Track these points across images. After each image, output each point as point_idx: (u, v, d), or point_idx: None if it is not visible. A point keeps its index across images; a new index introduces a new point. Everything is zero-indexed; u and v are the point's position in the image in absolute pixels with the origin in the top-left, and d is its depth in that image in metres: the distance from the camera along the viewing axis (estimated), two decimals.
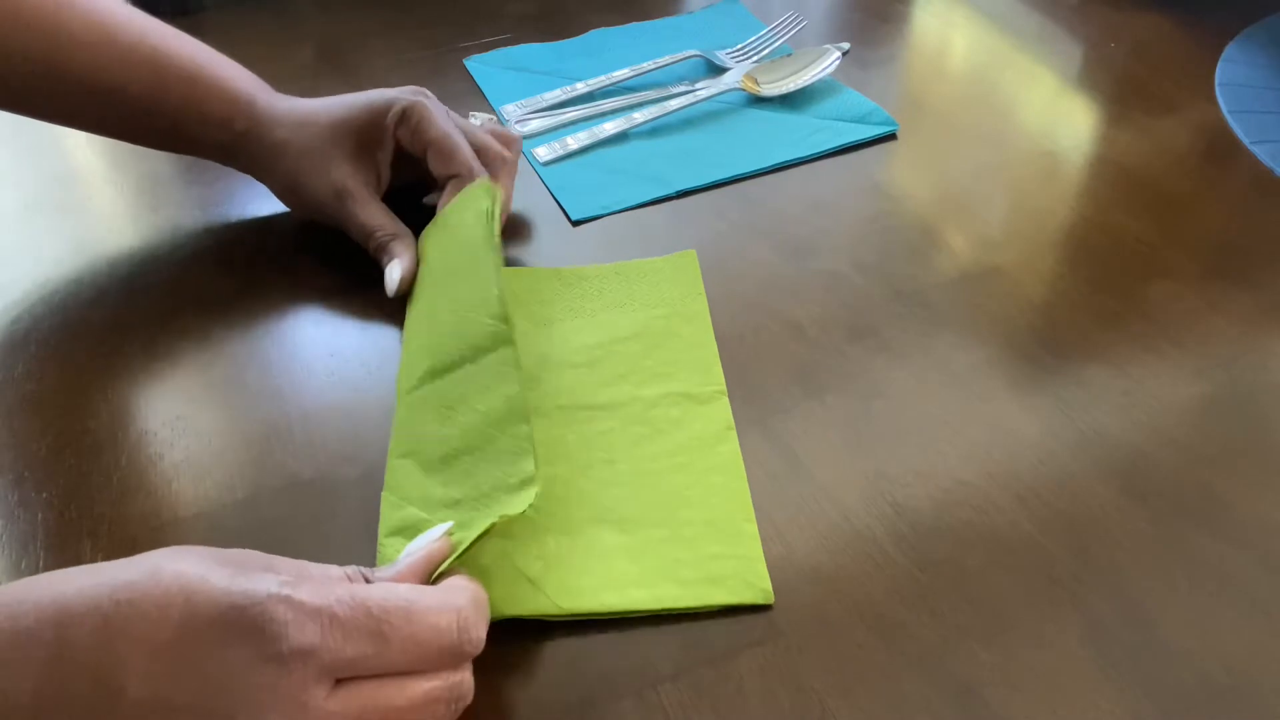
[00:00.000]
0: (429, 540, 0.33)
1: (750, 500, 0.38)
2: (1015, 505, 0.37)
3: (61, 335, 0.45)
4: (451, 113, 0.50)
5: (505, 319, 0.40)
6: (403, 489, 0.37)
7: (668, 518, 0.37)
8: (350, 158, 0.48)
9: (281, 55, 0.66)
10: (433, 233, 0.48)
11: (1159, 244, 0.50)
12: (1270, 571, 0.35)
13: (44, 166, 0.57)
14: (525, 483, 0.34)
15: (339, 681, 0.27)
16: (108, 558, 0.35)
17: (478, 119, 0.54)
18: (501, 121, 0.60)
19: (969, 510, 0.37)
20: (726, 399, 0.42)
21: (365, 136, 0.48)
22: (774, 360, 0.44)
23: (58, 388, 0.43)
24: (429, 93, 0.49)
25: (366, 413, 0.42)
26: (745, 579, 0.35)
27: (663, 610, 0.34)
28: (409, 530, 0.35)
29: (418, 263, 0.47)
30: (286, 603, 0.27)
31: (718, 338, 0.44)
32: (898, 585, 0.35)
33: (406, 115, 0.48)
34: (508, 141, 0.51)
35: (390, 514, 0.36)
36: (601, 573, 0.35)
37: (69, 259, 0.50)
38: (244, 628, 0.26)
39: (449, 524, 0.34)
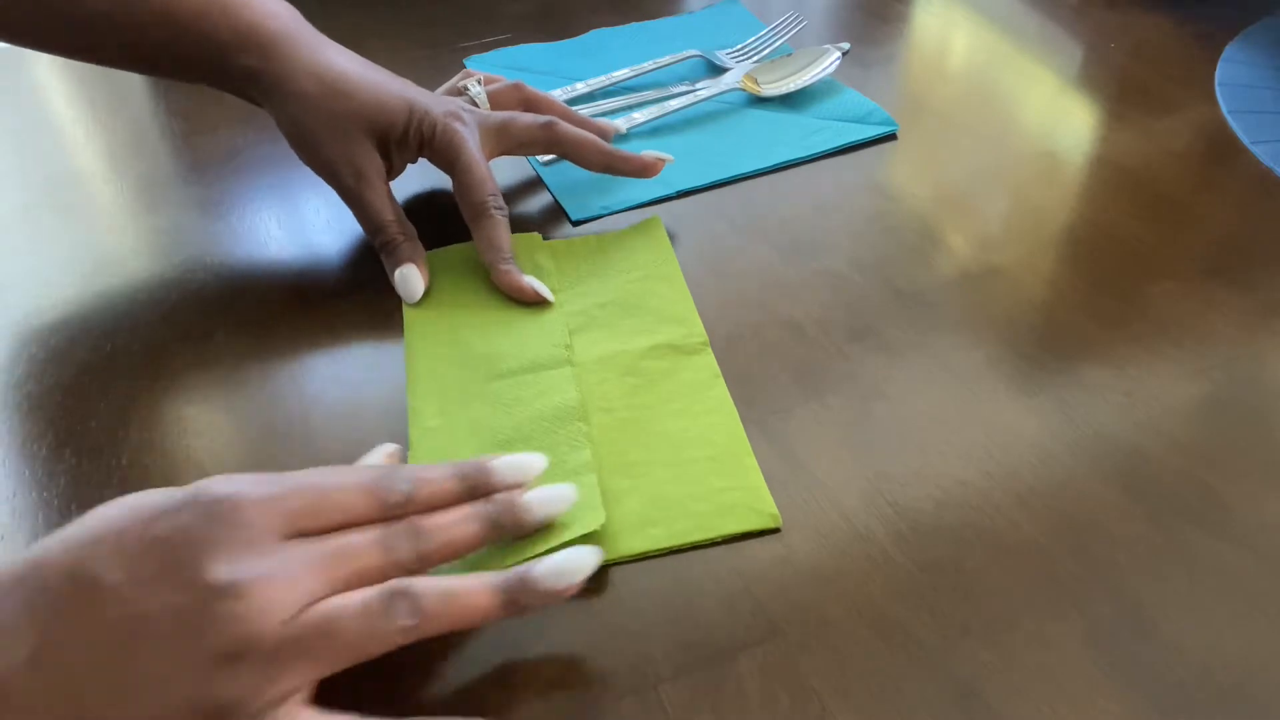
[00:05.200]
0: (382, 450, 0.36)
1: (746, 437, 0.40)
2: (1015, 505, 0.37)
3: (61, 335, 0.45)
4: (488, 116, 0.50)
5: (568, 347, 0.43)
6: (437, 457, 0.39)
7: (671, 458, 0.39)
8: (373, 143, 0.47)
9: None
10: (470, 256, 0.49)
11: (1159, 244, 0.50)
12: (1270, 571, 0.35)
13: (44, 166, 0.57)
14: (584, 468, 0.37)
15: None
16: None
17: (475, 89, 0.53)
18: None
19: (969, 510, 0.37)
20: (710, 350, 0.44)
21: (393, 134, 0.47)
22: (774, 360, 0.44)
23: (58, 388, 0.43)
24: (466, 110, 0.49)
25: (367, 413, 0.42)
26: (753, 506, 0.37)
27: (682, 546, 0.36)
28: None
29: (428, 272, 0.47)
30: (225, 478, 0.30)
31: (718, 338, 0.44)
32: (898, 585, 0.35)
33: (436, 136, 0.47)
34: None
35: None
36: (617, 518, 0.37)
37: (69, 259, 0.50)
38: (188, 498, 0.29)
39: (396, 446, 0.37)
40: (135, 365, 0.44)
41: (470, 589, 0.31)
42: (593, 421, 0.40)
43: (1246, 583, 0.35)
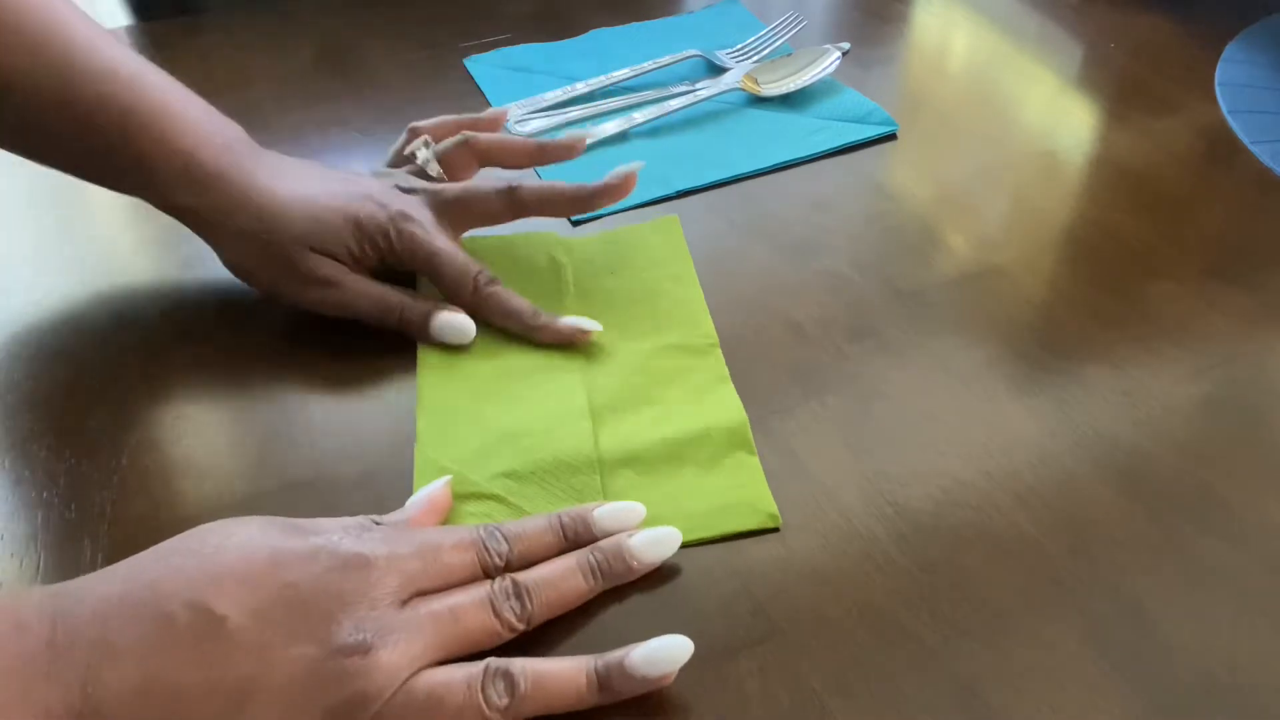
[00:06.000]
0: (432, 489, 0.36)
1: (751, 436, 0.40)
2: (1015, 505, 0.37)
3: (61, 335, 0.45)
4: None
5: (584, 353, 0.44)
6: (442, 446, 0.39)
7: (674, 456, 0.39)
8: (331, 254, 0.43)
9: (282, 55, 0.66)
10: (486, 249, 0.49)
11: (1159, 244, 0.50)
12: (1270, 571, 0.35)
13: (44, 166, 0.57)
14: (586, 466, 0.38)
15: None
16: (108, 558, 0.35)
17: (422, 154, 0.48)
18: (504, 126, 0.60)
19: (969, 510, 0.37)
20: (719, 351, 0.44)
21: (346, 256, 0.43)
22: (774, 360, 0.44)
23: (58, 388, 0.43)
24: (414, 197, 0.45)
25: (367, 413, 0.42)
26: (753, 506, 0.37)
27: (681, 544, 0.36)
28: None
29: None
30: (340, 533, 0.31)
31: (718, 338, 0.44)
32: (898, 585, 0.35)
33: (394, 245, 0.43)
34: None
35: (426, 469, 0.39)
36: None
37: (69, 259, 0.50)
38: (314, 548, 0.30)
39: (448, 477, 0.37)
40: (135, 365, 0.44)
41: (564, 673, 0.31)
42: (601, 417, 0.40)
43: (1246, 583, 0.35)
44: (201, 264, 0.50)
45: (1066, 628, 0.33)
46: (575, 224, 0.52)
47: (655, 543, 0.35)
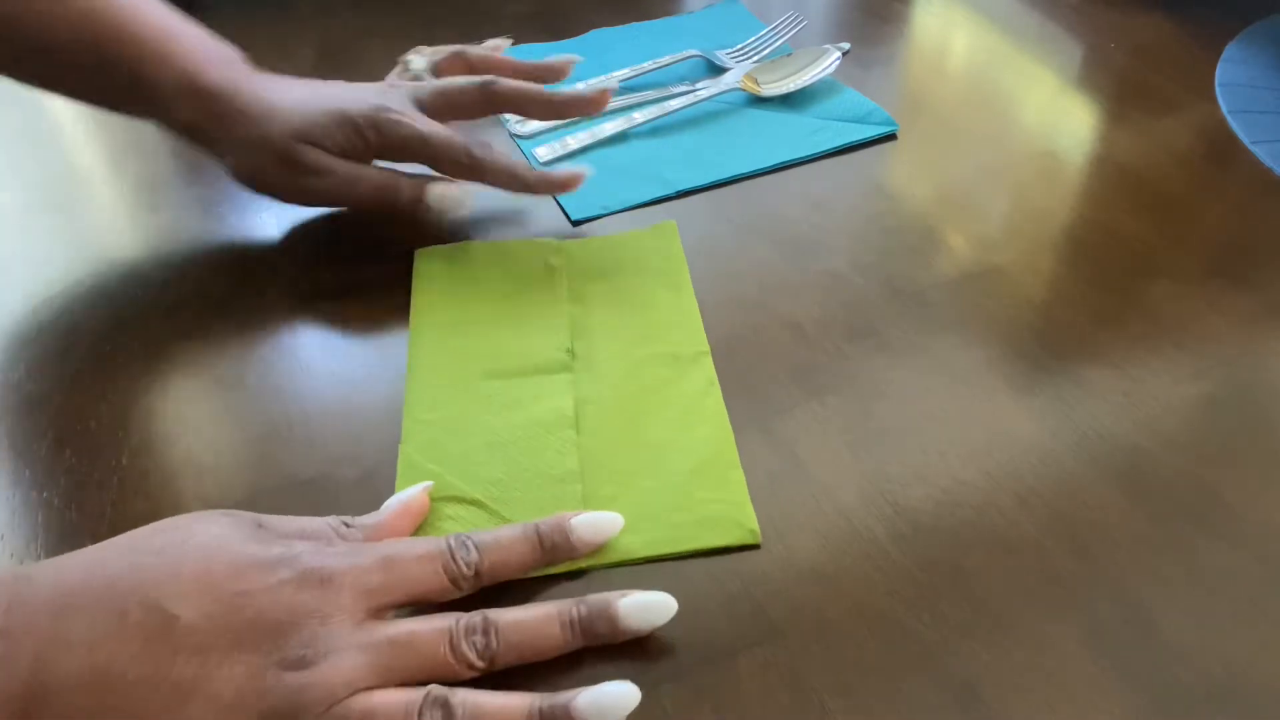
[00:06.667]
0: (409, 494, 0.36)
1: (735, 448, 0.39)
2: (1015, 505, 0.37)
3: (61, 335, 0.45)
4: (431, 86, 0.49)
5: (570, 351, 0.43)
6: (426, 450, 0.39)
7: (657, 468, 0.39)
8: (324, 148, 0.46)
9: (282, 55, 0.66)
10: (483, 254, 0.49)
11: (1159, 244, 0.50)
12: (1270, 571, 0.35)
13: (44, 166, 0.57)
14: (567, 478, 0.38)
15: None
16: None
17: (416, 61, 0.52)
18: (502, 122, 0.60)
19: (969, 510, 0.37)
20: (710, 358, 0.43)
21: (335, 149, 0.46)
22: (774, 360, 0.44)
23: (58, 388, 0.43)
24: (393, 91, 0.48)
25: (366, 413, 0.42)
26: (734, 520, 0.37)
27: (656, 556, 0.36)
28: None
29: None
30: (307, 545, 0.31)
31: (718, 338, 0.44)
32: (898, 585, 0.35)
33: (380, 134, 0.46)
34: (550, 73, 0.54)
35: (409, 472, 0.39)
36: None
37: (69, 259, 0.50)
38: (277, 560, 0.30)
39: (429, 483, 0.37)
40: (135, 365, 0.44)
41: (507, 712, 0.30)
42: (584, 429, 0.40)
43: (1246, 583, 0.35)
44: (201, 265, 0.50)
45: (1066, 628, 0.33)
46: (575, 224, 0.52)
47: (646, 608, 0.33)
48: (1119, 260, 0.49)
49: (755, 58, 0.65)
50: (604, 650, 0.33)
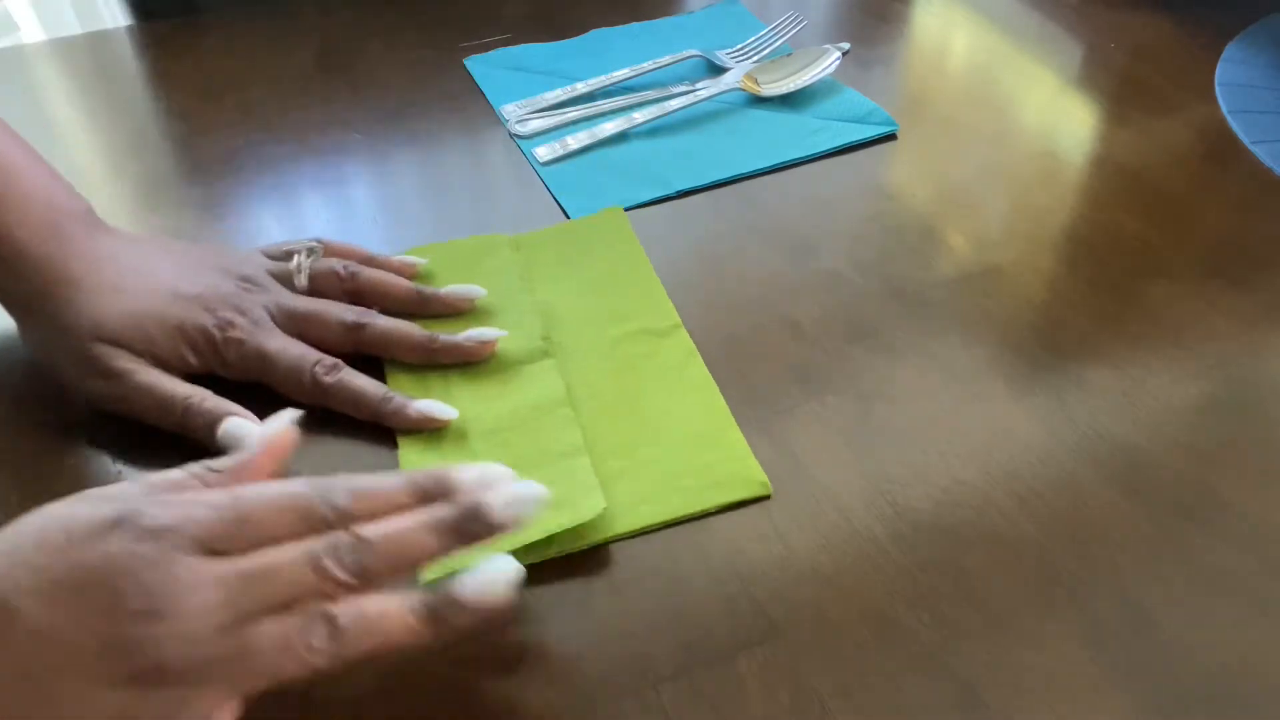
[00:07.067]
0: (273, 426, 0.34)
1: (729, 410, 0.41)
2: (1015, 505, 0.37)
3: None
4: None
5: (546, 339, 0.44)
6: (423, 449, 0.40)
7: (658, 437, 0.40)
8: (134, 351, 0.40)
9: (282, 56, 0.67)
10: (442, 255, 0.49)
11: (1159, 244, 0.50)
12: (1270, 571, 0.35)
13: None
14: (575, 451, 0.39)
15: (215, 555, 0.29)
16: None
17: (298, 260, 0.45)
18: (502, 122, 0.60)
19: (969, 510, 0.37)
20: (684, 331, 0.45)
21: (171, 362, 0.41)
22: (774, 360, 0.44)
23: (57, 391, 0.43)
24: (248, 298, 0.42)
25: None
26: (742, 476, 0.38)
27: (675, 520, 0.37)
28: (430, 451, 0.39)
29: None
30: (149, 499, 0.30)
31: (719, 338, 0.44)
32: (898, 585, 0.35)
33: (222, 355, 0.41)
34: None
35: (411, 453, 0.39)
36: (612, 498, 0.37)
37: None
38: (114, 522, 0.28)
39: (298, 412, 0.35)
40: None
41: (393, 612, 0.29)
42: (579, 407, 0.41)
43: (1247, 583, 0.35)
44: None
45: (1066, 628, 0.33)
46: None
47: (516, 501, 0.31)
48: (1119, 260, 0.49)
49: (755, 58, 0.65)
50: (603, 644, 0.33)
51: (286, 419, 0.34)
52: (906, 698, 0.32)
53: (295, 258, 0.45)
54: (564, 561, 0.36)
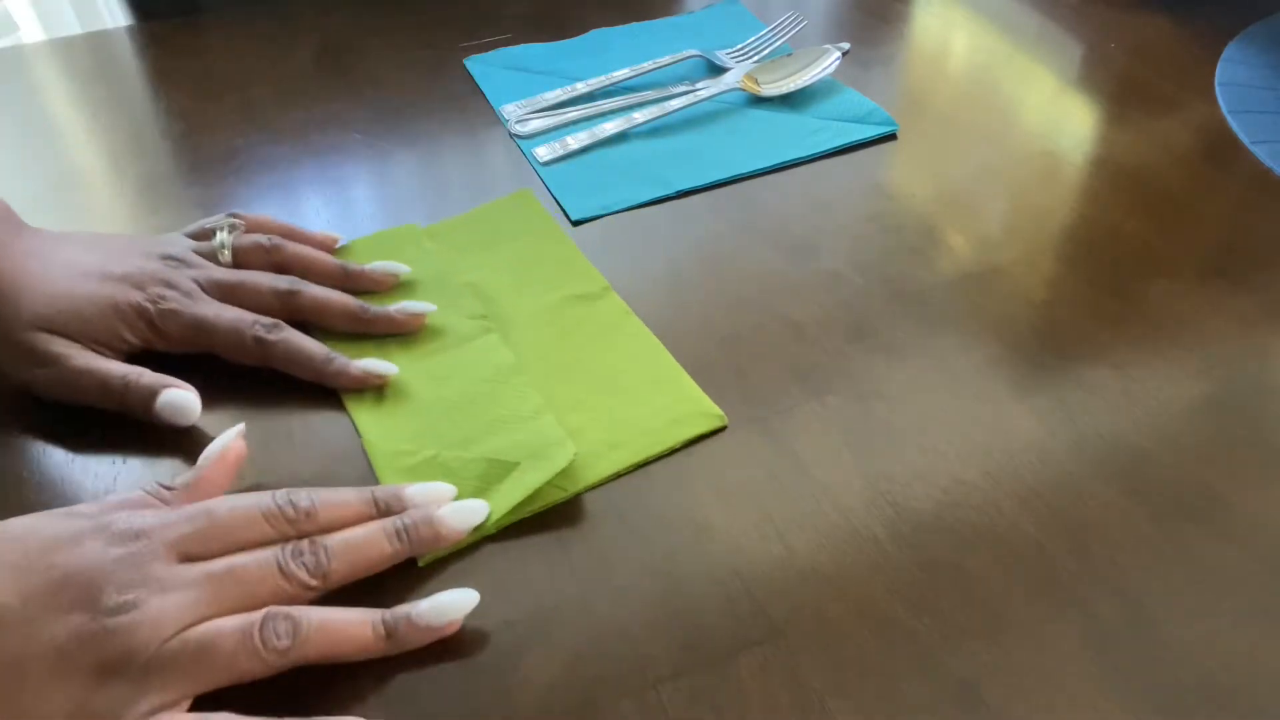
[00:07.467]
0: (222, 441, 0.36)
1: (672, 357, 0.43)
2: (1015, 505, 0.37)
3: None
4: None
5: (485, 316, 0.45)
6: (387, 434, 0.40)
7: (612, 387, 0.42)
8: (70, 337, 0.40)
9: (281, 55, 0.67)
10: (360, 250, 0.49)
11: (1159, 244, 0.50)
12: (1270, 571, 0.35)
13: (44, 167, 0.57)
14: (537, 412, 0.40)
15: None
16: None
17: (220, 236, 0.45)
18: (502, 122, 0.60)
19: (969, 510, 0.37)
20: (615, 294, 0.46)
21: (102, 340, 0.41)
22: (774, 360, 0.44)
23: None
24: (174, 274, 0.42)
25: None
26: (700, 412, 0.41)
27: (645, 460, 0.39)
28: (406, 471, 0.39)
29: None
30: (119, 513, 0.32)
31: (718, 338, 0.44)
32: (898, 585, 0.35)
33: (157, 326, 0.41)
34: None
35: (380, 460, 0.39)
36: (581, 450, 0.39)
37: None
38: (92, 530, 0.31)
39: (241, 426, 0.37)
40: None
41: (350, 621, 0.32)
42: (530, 372, 0.42)
43: (1246, 583, 0.35)
44: None
45: (1066, 628, 0.33)
46: (576, 223, 0.52)
47: (461, 511, 0.35)
48: (1119, 260, 0.49)
49: (755, 58, 0.65)
50: (603, 644, 0.33)
51: (233, 434, 0.37)
52: (906, 698, 0.32)
53: (218, 234, 0.45)
54: (564, 561, 0.36)
